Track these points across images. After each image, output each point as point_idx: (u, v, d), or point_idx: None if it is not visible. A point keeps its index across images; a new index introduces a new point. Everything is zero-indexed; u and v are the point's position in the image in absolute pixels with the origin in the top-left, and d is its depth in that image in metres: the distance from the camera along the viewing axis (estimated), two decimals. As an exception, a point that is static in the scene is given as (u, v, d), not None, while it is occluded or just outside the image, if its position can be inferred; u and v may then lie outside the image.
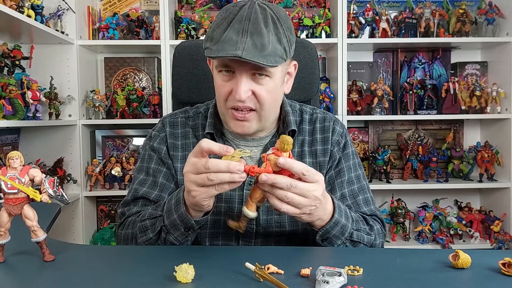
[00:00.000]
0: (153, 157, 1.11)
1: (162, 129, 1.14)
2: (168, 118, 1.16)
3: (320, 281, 0.65)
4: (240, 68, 0.95)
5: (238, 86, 0.95)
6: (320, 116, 1.15)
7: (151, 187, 1.08)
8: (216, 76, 1.02)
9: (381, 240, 1.05)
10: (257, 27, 0.91)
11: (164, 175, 1.09)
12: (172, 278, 0.69)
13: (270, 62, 0.92)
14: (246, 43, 0.90)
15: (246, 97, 0.96)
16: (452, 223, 2.47)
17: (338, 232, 0.92)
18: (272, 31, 0.93)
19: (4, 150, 2.05)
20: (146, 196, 1.07)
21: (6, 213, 0.75)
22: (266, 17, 0.93)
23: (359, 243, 0.98)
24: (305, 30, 2.39)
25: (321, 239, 0.93)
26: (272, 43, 0.92)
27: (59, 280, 0.71)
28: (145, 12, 2.49)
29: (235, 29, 0.91)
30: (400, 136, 2.61)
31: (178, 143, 1.12)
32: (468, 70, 2.59)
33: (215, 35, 0.94)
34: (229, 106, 1.00)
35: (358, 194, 1.10)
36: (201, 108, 1.17)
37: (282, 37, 0.94)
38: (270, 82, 0.98)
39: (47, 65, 2.20)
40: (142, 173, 1.11)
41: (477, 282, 0.69)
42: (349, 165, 1.12)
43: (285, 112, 1.10)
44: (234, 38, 0.91)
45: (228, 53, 0.90)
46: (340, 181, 1.10)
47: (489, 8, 2.43)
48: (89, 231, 2.41)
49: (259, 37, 0.91)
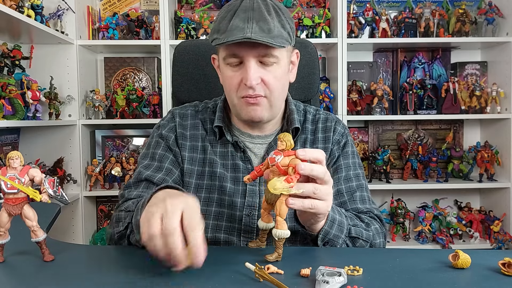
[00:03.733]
0: (161, 144, 1.12)
1: (172, 119, 1.15)
2: (178, 109, 1.18)
3: (320, 281, 0.65)
4: (248, 55, 0.98)
5: (248, 73, 0.98)
6: (322, 117, 1.17)
7: (155, 170, 1.08)
8: (224, 69, 1.04)
9: (381, 239, 1.04)
10: (262, 15, 0.96)
11: (171, 161, 1.10)
12: (172, 277, 0.69)
13: (278, 42, 0.95)
14: (253, 28, 0.94)
15: (256, 84, 0.99)
16: (452, 223, 2.47)
17: (337, 230, 0.91)
18: (275, 18, 0.97)
19: (4, 150, 2.05)
20: (149, 178, 1.06)
21: (6, 213, 0.75)
22: (268, 7, 0.98)
23: (358, 239, 0.97)
24: (305, 30, 2.39)
25: (322, 242, 0.92)
26: (277, 27, 0.96)
27: (59, 280, 0.71)
28: (145, 12, 2.49)
29: (241, 18, 0.95)
30: (400, 136, 2.61)
31: (187, 133, 1.13)
32: (468, 70, 2.59)
33: (222, 27, 0.97)
34: (240, 95, 1.02)
35: (356, 191, 1.10)
36: (210, 103, 1.20)
37: (285, 23, 0.99)
38: (277, 68, 1.01)
39: (47, 65, 2.20)
40: (147, 158, 1.11)
41: (477, 282, 0.69)
42: (348, 163, 1.13)
43: (290, 111, 1.13)
44: (241, 25, 0.94)
45: (237, 37, 0.93)
46: (337, 177, 1.10)
47: (489, 8, 2.43)
48: (89, 231, 2.41)
49: (264, 23, 0.95)
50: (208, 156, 1.10)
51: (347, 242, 0.95)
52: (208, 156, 1.10)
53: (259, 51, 0.97)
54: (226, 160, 1.10)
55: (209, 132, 1.13)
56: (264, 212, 0.79)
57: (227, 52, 1.00)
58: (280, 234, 0.75)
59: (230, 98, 1.06)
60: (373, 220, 1.06)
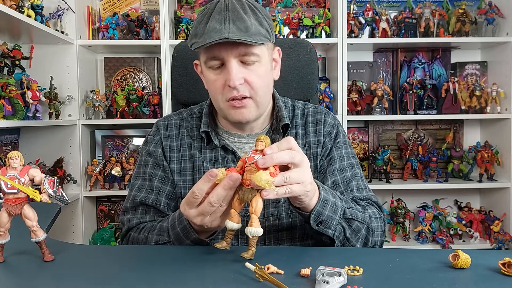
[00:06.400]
0: (149, 162, 1.13)
1: (156, 133, 1.16)
2: (162, 121, 1.18)
3: (320, 281, 0.65)
4: (229, 55, 0.97)
5: (230, 73, 0.98)
6: (311, 110, 1.18)
7: (148, 192, 1.09)
8: (207, 73, 1.04)
9: (379, 224, 1.03)
10: (238, 14, 0.95)
11: (160, 179, 1.10)
12: (172, 278, 0.69)
13: (256, 40, 0.95)
14: (230, 28, 0.94)
15: (239, 84, 0.99)
16: (452, 223, 2.47)
17: (330, 211, 0.90)
18: (252, 16, 0.97)
19: (4, 150, 2.05)
20: (144, 202, 1.08)
21: (6, 213, 0.75)
22: (243, 6, 0.98)
23: (353, 221, 0.96)
24: (305, 30, 2.39)
25: (316, 223, 0.90)
26: (254, 25, 0.96)
27: (59, 280, 0.71)
28: (145, 12, 2.49)
29: (217, 19, 0.95)
30: (400, 136, 2.61)
31: (173, 144, 1.14)
32: (468, 70, 2.59)
33: (198, 31, 0.98)
34: (226, 98, 1.02)
35: (352, 180, 1.09)
36: (195, 109, 1.20)
37: (262, 20, 0.99)
38: (260, 67, 1.01)
39: (47, 65, 2.20)
40: (139, 178, 1.13)
41: (477, 282, 0.69)
42: (341, 153, 1.13)
43: (278, 108, 1.13)
44: (218, 27, 0.94)
45: (214, 38, 0.93)
46: (331, 169, 1.10)
47: (489, 8, 2.43)
48: (89, 231, 2.41)
49: (241, 22, 0.95)
50: (198, 163, 1.10)
51: (342, 223, 0.94)
52: (198, 163, 1.10)
53: (239, 51, 0.97)
54: (217, 165, 1.10)
55: (196, 138, 1.14)
56: (235, 212, 0.78)
57: (207, 55, 1.00)
58: (255, 232, 0.74)
59: (216, 101, 1.06)
60: (370, 205, 1.06)
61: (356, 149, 2.58)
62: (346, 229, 0.95)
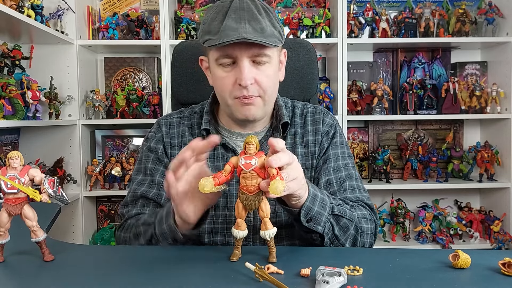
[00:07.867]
0: (150, 157, 1.13)
1: (158, 130, 1.16)
2: (164, 119, 1.19)
3: (320, 281, 0.65)
4: (242, 55, 0.98)
5: (242, 73, 0.99)
6: (310, 110, 1.19)
7: (149, 186, 1.09)
8: (216, 70, 1.04)
9: (369, 226, 1.02)
10: (253, 15, 0.97)
11: (161, 174, 1.10)
12: (172, 277, 0.69)
13: (272, 42, 0.97)
14: (247, 28, 0.95)
15: (250, 84, 1.00)
16: (452, 223, 2.47)
17: (319, 207, 0.90)
18: (266, 18, 0.99)
19: (4, 150, 2.05)
20: (145, 195, 1.08)
21: (6, 213, 0.75)
22: (257, 7, 0.99)
23: (342, 218, 0.95)
24: (305, 30, 2.39)
25: (306, 219, 0.90)
26: (268, 27, 0.98)
27: (59, 280, 0.71)
28: (145, 12, 2.49)
29: (233, 18, 0.96)
30: (400, 136, 2.61)
31: (174, 141, 1.14)
32: (468, 70, 2.59)
33: (213, 28, 0.98)
34: (234, 96, 1.03)
35: (346, 180, 1.09)
36: (196, 108, 1.20)
37: (275, 22, 1.01)
38: (269, 68, 1.03)
39: (47, 65, 2.20)
40: (140, 174, 1.13)
41: (477, 282, 0.69)
42: (337, 153, 1.13)
43: (278, 107, 1.14)
44: (234, 26, 0.95)
45: (233, 37, 0.94)
46: (326, 167, 1.10)
47: (489, 8, 2.43)
48: (89, 231, 2.41)
49: (256, 23, 0.96)
50: None
51: (331, 220, 0.94)
52: None
53: (253, 51, 0.98)
54: (217, 162, 1.10)
55: (197, 136, 1.13)
56: (242, 221, 0.78)
57: (220, 53, 1.00)
58: (272, 233, 0.78)
59: (222, 98, 1.06)
60: (361, 207, 1.05)
61: (356, 149, 2.58)
62: (334, 226, 0.95)
